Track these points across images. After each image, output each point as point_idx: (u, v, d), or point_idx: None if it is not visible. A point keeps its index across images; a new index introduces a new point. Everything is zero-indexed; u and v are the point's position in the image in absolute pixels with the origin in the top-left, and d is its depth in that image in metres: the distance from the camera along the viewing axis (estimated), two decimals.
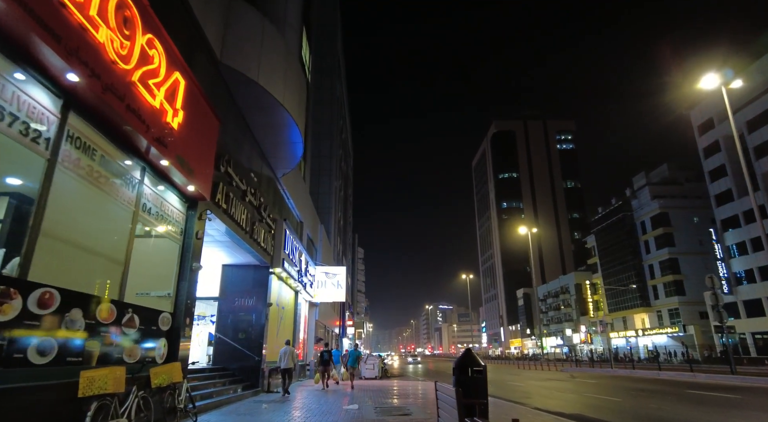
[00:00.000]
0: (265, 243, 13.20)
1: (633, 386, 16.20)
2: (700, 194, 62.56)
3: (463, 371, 5.76)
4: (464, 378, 5.70)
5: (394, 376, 26.54)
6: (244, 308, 13.70)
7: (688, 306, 56.87)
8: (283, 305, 17.00)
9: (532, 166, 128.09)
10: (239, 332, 13.49)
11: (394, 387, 16.19)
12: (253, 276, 13.97)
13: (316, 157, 35.56)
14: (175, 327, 7.57)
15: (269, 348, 14.71)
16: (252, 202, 11.67)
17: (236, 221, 10.31)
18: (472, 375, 5.66)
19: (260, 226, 12.60)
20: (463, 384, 5.56)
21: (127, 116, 5.44)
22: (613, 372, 24.14)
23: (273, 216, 14.22)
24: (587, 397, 12.80)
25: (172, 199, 7.67)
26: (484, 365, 5.74)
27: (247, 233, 11.36)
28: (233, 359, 13.24)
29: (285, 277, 16.26)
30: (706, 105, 52.40)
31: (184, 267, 7.97)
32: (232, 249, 12.28)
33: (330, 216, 34.43)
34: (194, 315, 8.26)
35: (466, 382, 5.64)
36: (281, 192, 16.32)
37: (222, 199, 9.35)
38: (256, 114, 11.54)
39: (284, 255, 14.83)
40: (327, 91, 37.92)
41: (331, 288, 23.26)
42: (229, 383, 12.24)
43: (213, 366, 12.92)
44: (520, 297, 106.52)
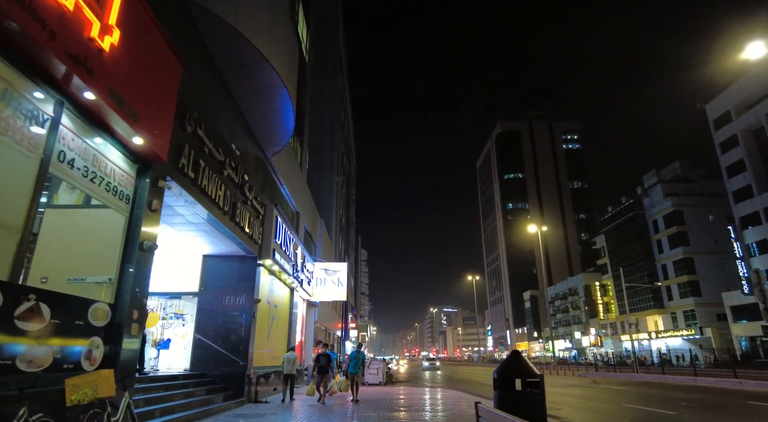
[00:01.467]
0: (251, 229, 11.38)
1: (673, 395, 14.26)
2: (715, 192, 60.35)
3: (509, 384, 3.86)
4: (512, 394, 3.79)
5: (399, 382, 24.64)
6: (227, 305, 11.88)
7: (704, 308, 54.58)
8: (275, 303, 15.17)
9: (537, 167, 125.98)
10: (222, 333, 11.66)
11: (402, 396, 14.29)
12: (238, 268, 12.16)
13: (317, 151, 33.85)
14: (117, 322, 5.76)
15: (257, 351, 12.87)
16: (232, 178, 9.87)
17: (209, 196, 8.51)
18: (525, 390, 3.76)
19: (244, 209, 10.80)
20: (513, 404, 3.66)
21: (7, 3, 3.64)
22: (640, 378, 22.14)
23: (261, 201, 12.41)
24: (630, 409, 10.89)
25: (114, 156, 5.87)
26: (540, 375, 3.88)
27: (227, 214, 9.55)
28: (215, 364, 11.42)
29: (277, 271, 14.44)
30: (722, 98, 50.38)
31: (130, 245, 6.16)
32: (212, 236, 10.49)
33: (331, 212, 32.65)
34: (145, 307, 6.43)
35: (515, 401, 3.73)
36: (273, 175, 14.52)
37: (188, 166, 7.55)
38: (238, 74, 9.77)
39: (275, 246, 13.01)
40: (328, 82, 36.26)
41: (332, 286, 21.42)
42: (206, 392, 10.41)
43: (188, 373, 11.09)
44: (527, 300, 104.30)
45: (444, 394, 14.95)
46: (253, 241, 11.73)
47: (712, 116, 52.04)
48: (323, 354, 12.04)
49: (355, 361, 12.94)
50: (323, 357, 11.98)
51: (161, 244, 11.34)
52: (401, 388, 18.25)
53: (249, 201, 11.13)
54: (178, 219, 9.17)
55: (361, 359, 13.05)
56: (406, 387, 19.54)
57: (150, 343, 12.85)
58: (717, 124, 51.40)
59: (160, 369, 12.16)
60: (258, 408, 10.46)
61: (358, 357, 13.04)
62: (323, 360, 11.97)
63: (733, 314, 48.82)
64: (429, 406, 11.19)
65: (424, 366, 49.17)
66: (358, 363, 12.88)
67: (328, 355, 12.01)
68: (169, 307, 12.76)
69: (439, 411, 10.22)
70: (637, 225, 65.48)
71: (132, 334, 5.98)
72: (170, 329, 13.53)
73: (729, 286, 52.13)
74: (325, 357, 11.97)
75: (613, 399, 13.51)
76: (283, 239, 14.02)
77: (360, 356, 13.05)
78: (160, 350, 12.94)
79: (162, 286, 11.98)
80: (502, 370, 3.97)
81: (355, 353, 13.14)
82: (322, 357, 12.01)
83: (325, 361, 11.94)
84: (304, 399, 12.72)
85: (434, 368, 46.77)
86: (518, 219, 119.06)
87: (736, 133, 48.49)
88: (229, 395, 10.99)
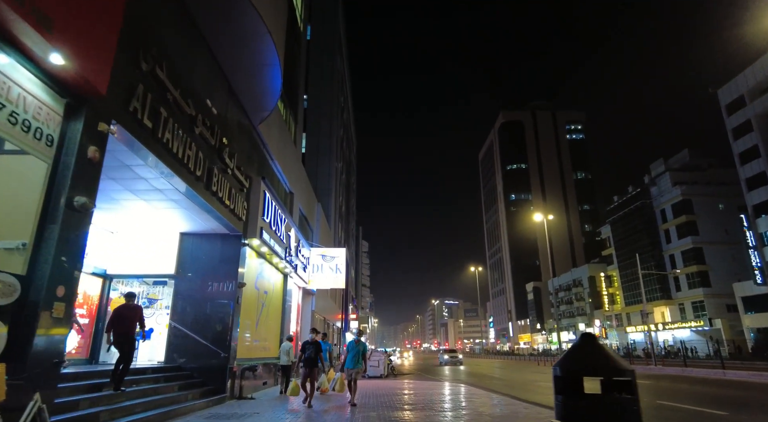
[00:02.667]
0: (234, 203, 9.96)
1: (709, 391, 12.87)
2: (726, 180, 58.76)
3: (577, 385, 2.39)
4: (587, 402, 2.32)
5: (402, 374, 23.38)
6: (208, 290, 10.49)
7: (714, 299, 53.20)
8: (265, 289, 13.80)
9: (541, 158, 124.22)
10: (202, 321, 10.29)
11: (407, 391, 12.94)
12: (220, 248, 10.75)
13: (315, 134, 32.37)
14: (31, 300, 4.36)
15: (243, 341, 11.50)
16: (207, 139, 8.42)
17: (175, 154, 7.07)
18: (609, 395, 2.29)
19: (224, 179, 9.36)
20: (588, 416, 2.20)
21: None
22: (660, 371, 20.73)
23: (246, 172, 10.97)
24: (670, 408, 9.51)
25: (24, 79, 4.44)
26: (631, 370, 2.42)
27: (200, 180, 8.12)
28: (193, 356, 10.06)
29: (267, 254, 13.05)
30: (736, 82, 48.60)
31: (54, 200, 4.74)
32: (188, 208, 9.08)
33: (330, 198, 31.21)
34: (76, 282, 5.01)
35: (592, 412, 2.27)
36: (261, 147, 13.06)
37: (144, 113, 6.10)
38: (211, 15, 8.27)
39: (263, 224, 11.60)
40: (327, 63, 34.63)
41: (329, 274, 20.03)
42: (180, 388, 9.05)
43: (161, 366, 9.74)
44: (530, 291, 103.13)
45: (453, 389, 13.60)
46: (237, 217, 10.31)
47: (725, 101, 50.27)
48: (311, 342, 9.62)
49: (354, 354, 9.70)
50: (311, 346, 9.54)
51: (130, 219, 9.98)
52: (404, 382, 16.94)
53: (229, 169, 9.69)
54: (142, 185, 7.75)
55: (361, 351, 9.85)
56: (409, 380, 18.24)
57: None
58: (730, 110, 49.65)
59: (139, 361, 10.82)
60: (239, 407, 9.10)
61: (357, 348, 9.79)
62: (311, 349, 9.52)
63: (744, 305, 47.43)
64: (439, 404, 9.83)
65: (442, 360, 39.01)
66: (357, 356, 9.68)
67: (317, 343, 9.67)
68: (143, 292, 11.37)
69: (449, 410, 8.86)
70: (644, 215, 63.94)
71: (56, 316, 4.57)
72: (153, 318, 12.17)
73: (740, 277, 50.74)
74: (314, 345, 9.59)
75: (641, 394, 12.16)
76: (273, 218, 12.60)
77: (360, 347, 9.83)
78: (140, 341, 11.59)
79: (132, 268, 10.60)
80: (566, 364, 2.53)
81: (354, 343, 9.86)
82: (310, 345, 9.57)
83: (313, 351, 9.52)
84: (286, 401, 10.17)
85: (455, 362, 37.39)
86: (521, 210, 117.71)
87: (749, 118, 46.76)
88: (209, 391, 9.64)
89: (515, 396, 11.73)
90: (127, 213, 9.39)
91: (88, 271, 9.74)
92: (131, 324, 7.65)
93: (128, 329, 7.58)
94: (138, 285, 11.32)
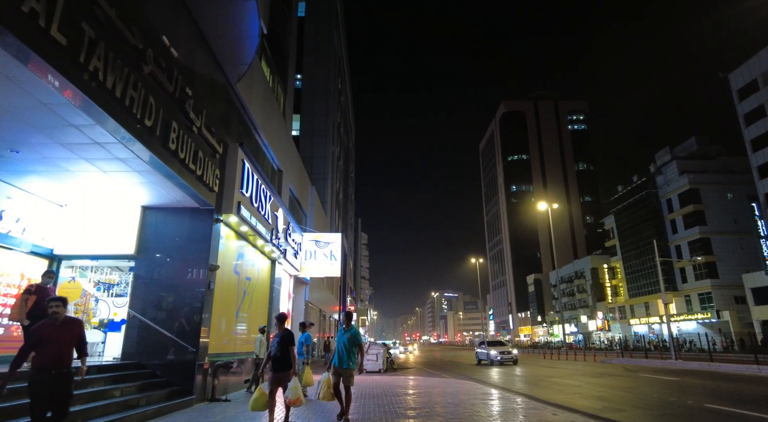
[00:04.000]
0: (202, 169, 8.33)
1: (749, 389, 11.39)
2: (735, 168, 57.13)
3: None
4: None
5: (402, 368, 21.91)
6: (174, 273, 8.90)
7: (721, 290, 51.77)
8: (248, 275, 12.22)
9: (542, 148, 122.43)
10: (166, 309, 8.72)
11: (412, 390, 11.42)
12: (188, 224, 9.14)
13: (309, 114, 30.66)
14: None
15: (218, 333, 9.94)
16: (163, 84, 6.78)
17: (109, 90, 5.43)
18: None
19: (189, 138, 7.74)
20: None
21: None
22: (682, 366, 19.14)
23: (220, 137, 9.33)
24: (714, 413, 7.98)
25: None
26: None
27: (150, 133, 6.49)
28: (155, 350, 8.51)
29: (249, 234, 11.45)
30: (748, 66, 46.78)
31: None
32: (145, 173, 7.48)
33: (326, 183, 29.56)
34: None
35: None
36: (241, 112, 11.41)
37: (50, 20, 4.44)
38: None
39: (241, 199, 9.98)
40: (323, 40, 32.79)
41: (323, 261, 18.47)
42: (138, 389, 7.50)
43: (117, 363, 8.18)
44: (530, 284, 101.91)
45: (461, 387, 12.07)
46: (207, 187, 8.69)
47: (736, 86, 48.49)
48: (284, 334, 6.20)
49: (347, 346, 6.64)
50: (284, 340, 6.13)
51: (81, 188, 8.35)
52: (406, 378, 15.44)
53: (195, 127, 8.04)
54: (76, 137, 6.11)
55: (355, 343, 6.72)
56: (410, 376, 16.74)
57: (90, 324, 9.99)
58: (741, 94, 47.89)
59: (107, 356, 9.28)
60: (207, 412, 7.55)
61: (351, 339, 6.70)
62: (282, 346, 6.10)
63: (754, 296, 46.02)
64: (452, 407, 8.30)
65: (485, 357, 24.22)
66: (351, 350, 6.65)
67: (285, 334, 6.18)
68: (96, 274, 9.77)
69: (466, 418, 7.31)
70: (649, 205, 62.36)
71: None
72: (124, 308, 10.62)
73: (748, 267, 49.32)
74: (281, 337, 6.14)
75: (670, 392, 10.65)
76: (255, 193, 10.98)
77: (354, 337, 6.75)
78: (108, 333, 10.04)
79: (85, 247, 8.99)
80: None
81: (342, 331, 6.87)
82: (284, 338, 6.14)
83: (278, 348, 6.10)
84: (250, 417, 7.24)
85: (508, 360, 23.00)
86: (522, 201, 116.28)
87: (762, 103, 45.05)
88: (174, 392, 8.10)
89: (535, 396, 10.21)
90: (75, 181, 7.77)
91: (25, 250, 8.12)
92: (64, 350, 4.22)
93: (57, 360, 4.13)
94: (92, 273, 9.76)
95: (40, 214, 8.41)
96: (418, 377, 15.92)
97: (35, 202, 8.28)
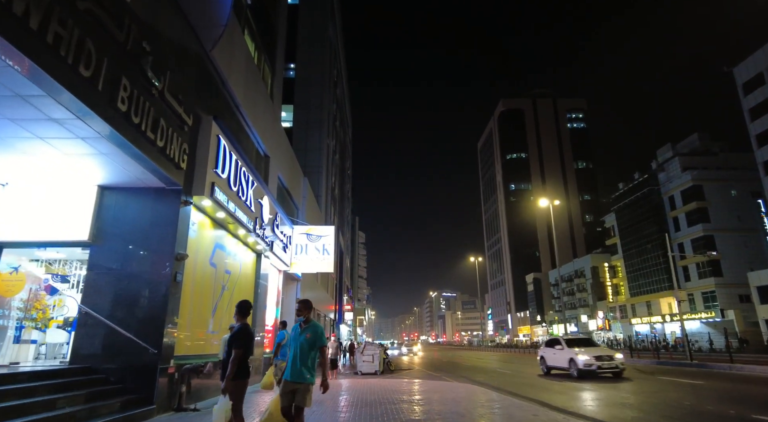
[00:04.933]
0: (165, 140, 7.12)
1: None
2: (738, 165, 56.14)
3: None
4: None
5: (399, 370, 20.72)
6: (134, 262, 7.69)
7: (726, 289, 50.78)
8: (228, 269, 11.00)
9: (541, 146, 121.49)
10: (125, 304, 7.51)
11: (413, 396, 10.24)
12: (152, 207, 7.93)
13: (304, 107, 29.45)
14: None
15: (188, 332, 8.73)
16: (106, 26, 5.56)
17: (18, 18, 4.20)
18: None
19: (145, 101, 6.53)
20: None
21: None
22: (698, 367, 17.84)
23: (190, 107, 8.12)
24: None
25: None
26: None
27: (91, 85, 5.27)
28: (111, 352, 7.30)
29: (227, 221, 10.22)
30: (754, 59, 45.77)
31: None
32: (100, 145, 6.28)
33: (320, 176, 28.33)
34: None
35: None
36: (219, 84, 10.20)
37: None
38: None
39: (216, 179, 8.77)
40: (317, 30, 31.56)
41: (315, 255, 17.27)
42: (86, 399, 6.30)
43: (63, 367, 6.97)
44: (530, 283, 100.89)
45: (469, 393, 10.88)
46: (172, 163, 7.48)
47: (741, 80, 47.49)
48: (233, 332, 4.77)
49: (305, 350, 4.57)
50: (230, 339, 4.76)
51: (16, 163, 7.12)
52: (404, 381, 14.25)
53: (156, 90, 6.83)
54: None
55: (316, 345, 4.62)
56: (409, 379, 15.55)
57: (41, 323, 8.79)
58: (746, 89, 46.90)
59: None
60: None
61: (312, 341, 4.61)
62: (227, 346, 4.81)
63: (760, 295, 45.02)
64: (464, 418, 7.11)
65: (557, 362, 16.03)
66: (309, 355, 4.59)
67: (239, 332, 4.71)
68: (47, 265, 8.56)
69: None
70: (651, 202, 61.39)
71: None
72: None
73: (754, 265, 48.34)
74: (232, 337, 4.74)
75: (702, 399, 9.49)
76: (234, 176, 9.77)
77: (316, 337, 4.62)
78: (73, 333, 8.83)
79: (28, 233, 7.77)
80: None
81: (299, 329, 4.69)
82: (229, 339, 4.79)
83: (228, 351, 4.71)
84: None
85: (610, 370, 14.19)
86: (521, 200, 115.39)
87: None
88: (130, 401, 6.88)
89: (547, 402, 9.04)
90: (11, 153, 6.57)
91: None
92: None
93: None
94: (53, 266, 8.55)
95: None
96: (417, 380, 14.73)
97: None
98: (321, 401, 9.09)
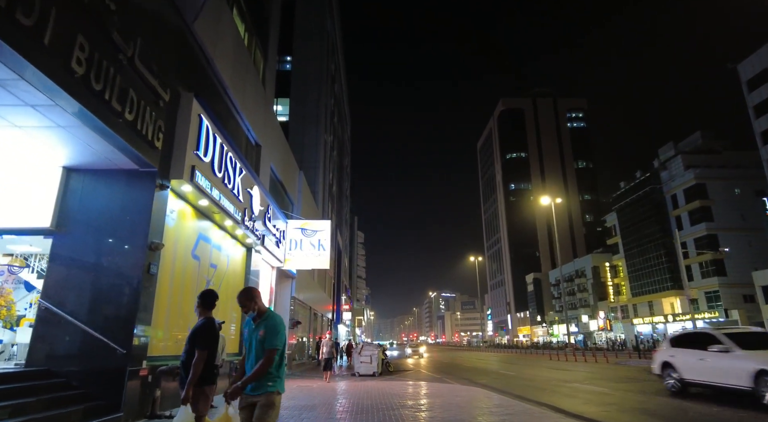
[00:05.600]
0: (135, 113, 6.33)
1: None
2: (742, 163, 55.45)
3: None
4: None
5: (398, 371, 19.92)
6: (103, 253, 6.89)
7: (729, 289, 50.06)
8: (213, 263, 10.20)
9: (541, 146, 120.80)
10: (91, 300, 6.71)
11: (415, 401, 9.44)
12: (123, 192, 7.13)
13: (301, 102, 28.66)
14: None
15: (164, 329, 7.92)
16: None
17: None
18: None
19: (110, 68, 5.74)
20: None
21: None
22: None
23: (165, 80, 7.32)
24: None
25: None
26: None
27: (29, 37, 4.48)
28: (73, 353, 6.49)
29: (212, 211, 9.41)
30: (759, 55, 45.07)
31: None
32: (57, 117, 5.48)
33: (317, 172, 27.55)
34: None
35: None
36: (203, 62, 9.41)
37: None
38: None
39: (197, 162, 7.97)
40: (314, 23, 30.79)
41: (310, 251, 16.46)
42: (42, 407, 5.52)
43: (18, 370, 6.16)
44: (530, 283, 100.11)
45: (473, 397, 10.08)
46: (145, 142, 6.68)
47: (746, 76, 46.77)
48: (194, 329, 4.07)
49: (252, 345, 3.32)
50: (191, 337, 4.07)
51: None
52: (404, 383, 13.45)
53: (124, 56, 6.03)
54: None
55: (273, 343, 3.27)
56: (409, 381, 14.76)
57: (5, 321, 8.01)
58: (751, 85, 46.19)
59: None
60: None
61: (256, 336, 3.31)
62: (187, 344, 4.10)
63: (764, 295, 44.29)
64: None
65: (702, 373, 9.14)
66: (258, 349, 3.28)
67: (201, 328, 4.01)
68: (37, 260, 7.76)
69: None
70: (653, 201, 60.65)
71: None
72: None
73: (758, 265, 47.62)
74: (192, 335, 4.06)
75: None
76: (219, 161, 8.97)
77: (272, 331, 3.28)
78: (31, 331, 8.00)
79: None
80: None
81: (252, 324, 3.38)
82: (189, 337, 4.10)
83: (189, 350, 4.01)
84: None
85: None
86: (521, 200, 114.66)
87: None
88: (94, 408, 6.07)
89: (560, 407, 8.25)
90: None
91: None
92: None
93: None
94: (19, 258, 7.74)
95: None
96: (417, 382, 13.94)
97: None
98: (313, 406, 8.30)
